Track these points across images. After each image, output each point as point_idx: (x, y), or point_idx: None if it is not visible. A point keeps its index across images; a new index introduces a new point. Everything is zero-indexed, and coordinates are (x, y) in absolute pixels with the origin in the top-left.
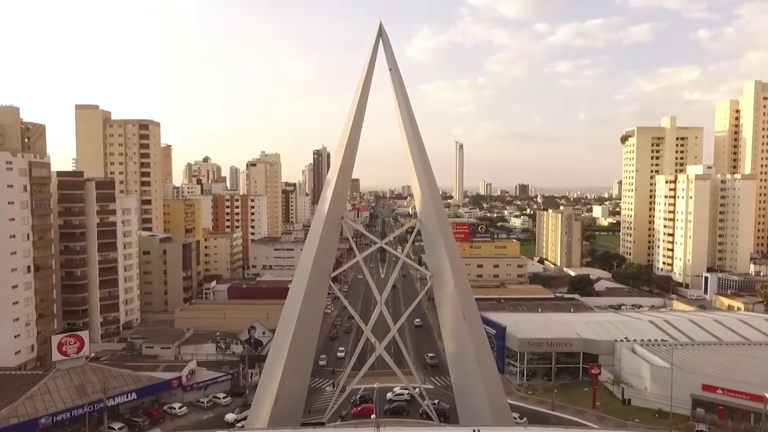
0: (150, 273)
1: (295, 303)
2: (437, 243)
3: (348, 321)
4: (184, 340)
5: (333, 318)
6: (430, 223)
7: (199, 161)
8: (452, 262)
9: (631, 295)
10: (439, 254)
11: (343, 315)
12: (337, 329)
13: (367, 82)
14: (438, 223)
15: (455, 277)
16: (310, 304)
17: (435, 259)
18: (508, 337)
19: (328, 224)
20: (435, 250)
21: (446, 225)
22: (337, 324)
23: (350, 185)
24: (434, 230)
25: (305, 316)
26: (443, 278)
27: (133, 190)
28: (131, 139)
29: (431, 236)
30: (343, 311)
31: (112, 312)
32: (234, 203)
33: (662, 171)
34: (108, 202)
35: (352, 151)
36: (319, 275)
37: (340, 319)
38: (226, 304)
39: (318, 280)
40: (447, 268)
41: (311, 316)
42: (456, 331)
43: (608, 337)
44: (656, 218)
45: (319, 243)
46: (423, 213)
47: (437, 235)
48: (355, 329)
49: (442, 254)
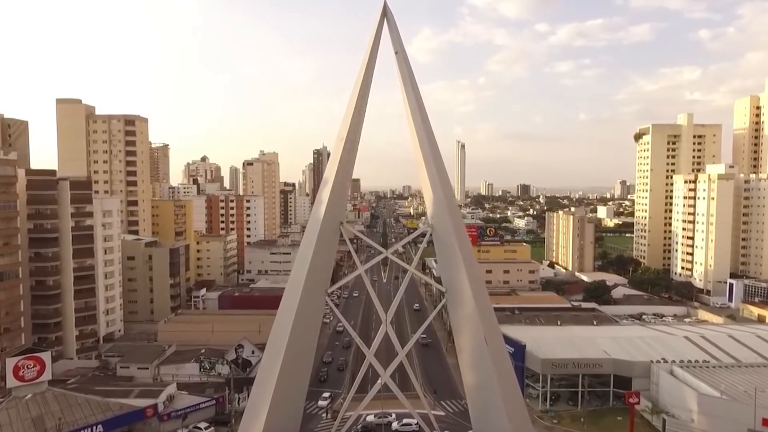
0: (134, 280)
1: (286, 324)
2: (452, 253)
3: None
4: (165, 358)
5: (332, 329)
6: (444, 230)
7: (196, 161)
8: (471, 277)
9: (652, 303)
10: (456, 266)
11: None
12: (332, 359)
13: (370, 67)
14: (453, 230)
15: (476, 296)
16: (303, 324)
17: (450, 272)
18: (528, 357)
19: (324, 231)
20: (450, 262)
21: (463, 232)
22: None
23: (350, 184)
24: (449, 238)
25: (298, 337)
26: (461, 296)
27: (119, 191)
28: (116, 136)
29: (445, 245)
30: (346, 315)
31: (90, 324)
32: (229, 204)
33: (678, 170)
34: (84, 204)
35: (353, 145)
36: (313, 291)
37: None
38: (215, 315)
39: (312, 296)
40: (465, 283)
41: (305, 338)
42: (477, 360)
43: (641, 357)
44: (674, 220)
45: (314, 254)
46: (435, 217)
47: (452, 244)
48: (355, 345)
49: (458, 267)
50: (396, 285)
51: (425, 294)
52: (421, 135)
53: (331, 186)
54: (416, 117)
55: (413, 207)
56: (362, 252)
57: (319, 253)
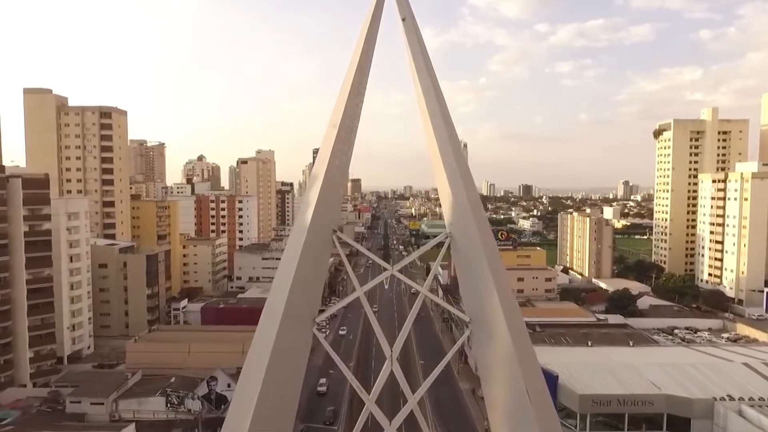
0: (107, 290)
1: (257, 371)
2: (479, 271)
3: None
4: (125, 390)
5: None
6: (467, 240)
7: (193, 160)
8: (505, 305)
9: (682, 315)
10: (483, 289)
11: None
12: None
13: (371, 36)
14: (480, 242)
15: (512, 331)
16: (282, 368)
17: (476, 296)
18: (562, 391)
19: (312, 243)
20: (475, 282)
21: (492, 245)
22: None
23: (346, 182)
24: (474, 252)
25: (273, 389)
26: (491, 330)
27: (93, 190)
28: (90, 130)
29: (468, 260)
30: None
31: (47, 344)
32: (219, 205)
33: (702, 169)
34: (40, 205)
35: (350, 134)
36: (296, 322)
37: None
38: (195, 332)
39: (294, 329)
40: (497, 314)
41: (284, 386)
42: (516, 421)
43: (700, 391)
44: (699, 223)
45: (298, 273)
46: (455, 224)
47: (478, 260)
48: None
49: (487, 290)
50: (400, 294)
51: (431, 305)
52: (437, 122)
53: (321, 184)
54: (431, 100)
55: (415, 207)
56: (362, 256)
57: (305, 271)
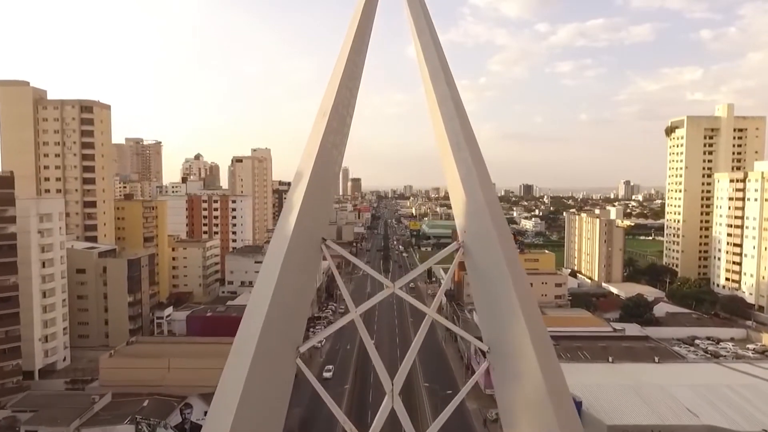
0: (85, 297)
1: (228, 408)
2: (499, 290)
3: None
4: (91, 416)
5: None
6: (485, 251)
7: (190, 159)
8: (535, 335)
9: (701, 323)
10: (506, 314)
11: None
12: None
13: (369, 10)
14: (501, 253)
15: (544, 370)
16: (257, 407)
17: (496, 321)
18: (586, 419)
19: (295, 257)
20: (495, 304)
21: (514, 256)
22: None
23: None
24: (493, 265)
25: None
26: (516, 365)
27: (73, 189)
28: (70, 125)
29: (487, 276)
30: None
31: (12, 359)
32: (212, 205)
33: (716, 168)
34: (4, 206)
35: (343, 124)
36: (274, 353)
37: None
38: (177, 344)
39: (274, 362)
40: (525, 346)
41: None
42: None
43: (742, 419)
44: (715, 224)
45: (277, 293)
46: (470, 231)
47: (499, 277)
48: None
49: (512, 315)
50: (401, 302)
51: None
52: (448, 109)
53: (308, 184)
54: (439, 84)
55: (415, 207)
56: (361, 257)
57: (287, 290)
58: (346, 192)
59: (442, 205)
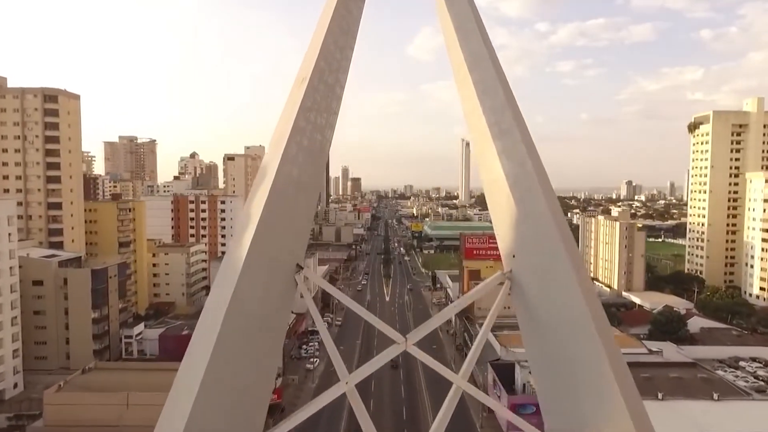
0: (43, 313)
1: None
2: (577, 352)
3: None
4: None
5: None
6: (548, 289)
7: (185, 157)
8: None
9: (742, 341)
10: (587, 388)
11: None
12: None
13: None
14: (581, 296)
15: None
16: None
17: (570, 399)
18: None
19: (250, 298)
20: (570, 373)
21: (596, 304)
22: None
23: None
24: (563, 309)
25: None
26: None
27: (36, 189)
28: (32, 116)
29: (554, 330)
30: None
31: None
32: (199, 206)
33: (745, 167)
34: None
35: (331, 97)
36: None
37: None
38: (143, 372)
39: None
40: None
41: None
42: None
43: None
44: (747, 228)
45: (217, 356)
46: (523, 259)
47: (580, 335)
48: None
49: (599, 392)
50: (404, 307)
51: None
52: (488, 78)
53: (272, 186)
54: (476, 44)
55: (416, 207)
56: (360, 259)
57: (236, 348)
58: (346, 192)
59: (444, 206)
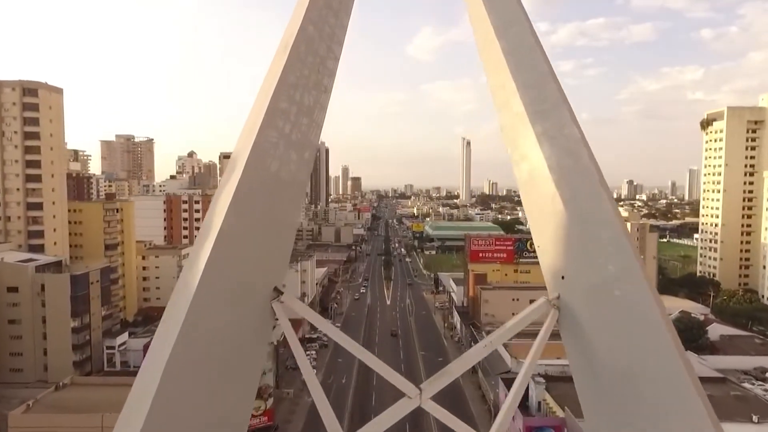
0: (18, 322)
1: None
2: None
3: None
4: None
5: None
6: (612, 320)
7: (183, 156)
8: None
9: (767, 350)
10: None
11: None
12: None
13: None
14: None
15: None
16: None
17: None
18: None
19: (211, 331)
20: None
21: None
22: None
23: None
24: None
25: None
26: None
27: (14, 188)
28: (10, 111)
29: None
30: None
31: None
32: (193, 206)
33: (761, 165)
34: None
35: (320, 71)
36: None
37: None
38: (124, 388)
39: None
40: None
41: None
42: None
43: None
44: (763, 229)
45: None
46: (575, 285)
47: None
48: None
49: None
50: (404, 311)
51: (433, 312)
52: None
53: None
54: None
55: (417, 207)
56: (360, 261)
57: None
58: (346, 191)
59: (444, 205)
